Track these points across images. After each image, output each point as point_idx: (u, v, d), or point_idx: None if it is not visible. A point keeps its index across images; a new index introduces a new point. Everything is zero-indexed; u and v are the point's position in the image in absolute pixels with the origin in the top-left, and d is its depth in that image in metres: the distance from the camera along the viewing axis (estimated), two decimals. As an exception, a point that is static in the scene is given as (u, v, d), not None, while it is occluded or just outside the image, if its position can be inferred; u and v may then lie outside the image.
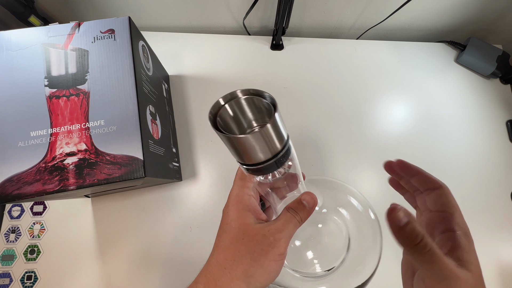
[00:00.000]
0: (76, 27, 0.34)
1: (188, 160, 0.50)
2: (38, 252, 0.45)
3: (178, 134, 0.51)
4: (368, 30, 0.62)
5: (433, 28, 0.65)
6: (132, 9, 0.57)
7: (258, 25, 0.62)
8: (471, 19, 0.62)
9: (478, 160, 0.55)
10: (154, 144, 0.36)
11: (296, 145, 0.53)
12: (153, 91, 0.40)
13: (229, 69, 0.57)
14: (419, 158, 0.54)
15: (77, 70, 0.33)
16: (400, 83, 0.59)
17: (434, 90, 0.59)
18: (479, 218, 0.51)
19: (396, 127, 0.56)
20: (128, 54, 0.34)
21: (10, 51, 0.33)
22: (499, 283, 0.48)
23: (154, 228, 0.46)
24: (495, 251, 0.49)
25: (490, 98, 0.60)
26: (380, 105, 0.57)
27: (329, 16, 0.60)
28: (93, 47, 0.34)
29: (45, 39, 0.34)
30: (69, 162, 0.30)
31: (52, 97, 0.32)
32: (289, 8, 0.50)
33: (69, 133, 0.31)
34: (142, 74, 0.36)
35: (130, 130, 0.32)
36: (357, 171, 0.52)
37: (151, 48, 0.44)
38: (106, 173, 0.30)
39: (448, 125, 0.57)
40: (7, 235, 0.45)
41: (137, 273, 0.44)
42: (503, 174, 0.54)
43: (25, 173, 0.30)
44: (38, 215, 0.46)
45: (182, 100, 0.54)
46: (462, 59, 0.60)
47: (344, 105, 0.56)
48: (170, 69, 0.55)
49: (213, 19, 0.61)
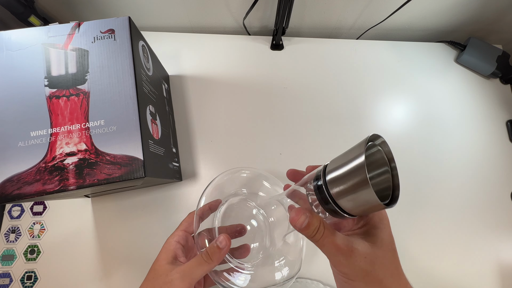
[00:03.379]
0: (76, 27, 0.34)
1: (188, 160, 0.50)
2: (38, 252, 0.45)
3: (178, 134, 0.51)
4: (368, 30, 0.62)
5: (433, 28, 0.65)
6: (132, 9, 0.57)
7: (258, 25, 0.62)
8: (471, 19, 0.62)
9: (478, 160, 0.55)
10: (154, 144, 0.36)
11: (296, 145, 0.53)
12: (153, 91, 0.40)
13: (229, 69, 0.57)
14: (419, 158, 0.54)
15: (77, 70, 0.33)
16: (400, 83, 0.59)
17: (434, 90, 0.59)
18: (479, 218, 0.51)
19: (396, 127, 0.56)
20: (128, 54, 0.34)
21: (10, 51, 0.33)
22: (499, 283, 0.48)
23: (154, 228, 0.46)
24: (495, 251, 0.49)
25: (490, 98, 0.60)
26: (380, 105, 0.57)
27: (329, 16, 0.60)
28: (93, 47, 0.34)
29: (45, 39, 0.34)
30: (69, 162, 0.30)
31: (52, 97, 0.32)
32: (289, 8, 0.50)
33: (69, 133, 0.31)
34: (142, 74, 0.36)
35: (130, 130, 0.32)
36: (357, 171, 0.52)
37: (151, 48, 0.44)
38: (106, 173, 0.30)
39: (448, 125, 0.57)
40: (7, 235, 0.45)
41: (137, 273, 0.44)
42: (503, 174, 0.54)
43: (25, 173, 0.30)
44: (38, 215, 0.46)
45: (182, 100, 0.54)
46: (462, 59, 0.60)
47: (344, 105, 0.56)
48: (170, 69, 0.55)
49: (213, 19, 0.61)
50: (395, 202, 0.17)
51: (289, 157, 0.51)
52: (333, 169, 0.19)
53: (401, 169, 0.18)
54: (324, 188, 0.20)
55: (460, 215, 0.51)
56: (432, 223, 0.50)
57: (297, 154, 0.52)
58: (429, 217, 0.51)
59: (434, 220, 0.50)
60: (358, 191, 0.17)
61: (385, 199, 0.19)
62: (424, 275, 0.47)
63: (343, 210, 0.19)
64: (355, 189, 0.17)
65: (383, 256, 0.21)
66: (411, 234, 0.49)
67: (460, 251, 0.49)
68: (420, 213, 0.50)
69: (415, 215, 0.50)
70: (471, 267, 0.48)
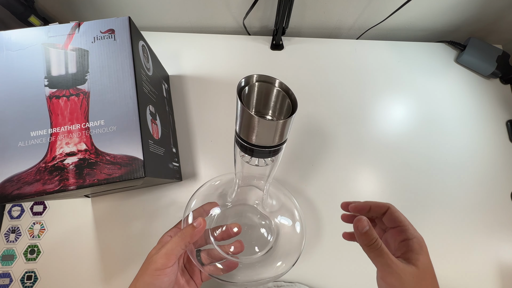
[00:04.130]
0: (76, 27, 0.34)
1: (188, 160, 0.50)
2: (38, 252, 0.45)
3: (178, 134, 0.51)
4: (368, 30, 0.62)
5: (433, 28, 0.65)
6: (132, 9, 0.57)
7: (258, 25, 0.62)
8: (471, 19, 0.62)
9: (478, 160, 0.55)
10: (154, 144, 0.36)
11: (296, 144, 0.53)
12: (153, 91, 0.40)
13: (229, 69, 0.57)
14: (418, 158, 0.54)
15: (77, 70, 0.33)
16: (400, 83, 0.59)
17: (434, 90, 0.59)
18: (479, 218, 0.51)
19: (396, 127, 0.56)
20: (128, 54, 0.34)
21: (10, 51, 0.33)
22: (499, 283, 0.48)
23: (154, 228, 0.46)
24: (495, 251, 0.49)
25: (490, 98, 0.60)
26: (380, 105, 0.57)
27: (329, 16, 0.60)
28: (93, 47, 0.34)
29: (45, 39, 0.34)
30: (69, 162, 0.30)
31: (52, 97, 0.32)
32: (289, 8, 0.50)
33: (69, 133, 0.31)
34: (142, 74, 0.36)
35: (130, 130, 0.32)
36: (357, 171, 0.52)
37: (151, 48, 0.44)
38: (106, 173, 0.30)
39: (448, 125, 0.57)
40: (7, 235, 0.45)
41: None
42: (503, 174, 0.54)
43: (25, 173, 0.30)
44: (38, 215, 0.46)
45: (182, 100, 0.54)
46: (462, 59, 0.60)
47: (344, 105, 0.56)
48: (170, 69, 0.55)
49: (213, 19, 0.61)
50: (294, 112, 0.19)
51: (289, 157, 0.51)
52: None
53: (401, 169, 0.18)
54: (238, 137, 0.23)
55: (460, 215, 0.51)
56: (432, 223, 0.50)
57: (297, 155, 0.52)
58: (429, 217, 0.50)
59: (434, 220, 0.50)
60: (244, 117, 0.19)
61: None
62: (424, 275, 0.47)
63: (256, 145, 0.21)
64: (242, 118, 0.20)
65: (425, 278, 0.24)
66: (411, 234, 0.49)
67: (460, 251, 0.49)
68: (420, 213, 0.50)
69: (415, 215, 0.50)
70: (471, 267, 0.48)
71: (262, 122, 0.19)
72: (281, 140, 0.21)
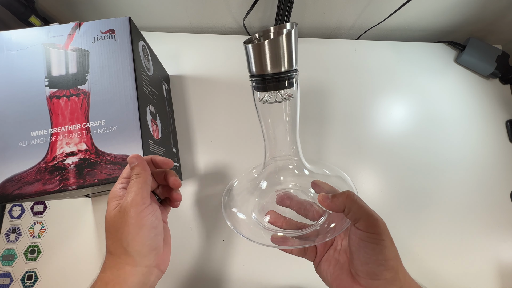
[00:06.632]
0: (77, 27, 0.35)
1: (188, 160, 0.50)
2: (38, 252, 0.45)
3: (178, 134, 0.52)
4: (368, 30, 0.62)
5: (433, 28, 0.65)
6: (132, 9, 0.57)
7: (258, 25, 0.62)
8: (470, 19, 0.62)
9: (478, 160, 0.55)
10: (154, 144, 0.36)
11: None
12: (153, 91, 0.41)
13: (229, 69, 0.57)
14: (418, 158, 0.54)
15: (77, 70, 0.33)
16: (400, 83, 0.59)
17: (434, 90, 0.59)
18: (478, 217, 0.51)
19: (396, 127, 0.56)
20: (128, 54, 0.34)
21: (10, 51, 0.33)
22: (499, 283, 0.48)
23: (154, 228, 0.46)
24: (495, 251, 0.49)
25: (489, 98, 0.60)
26: (380, 105, 0.57)
27: (329, 16, 0.61)
28: (93, 47, 0.34)
29: (45, 39, 0.34)
30: (70, 162, 0.30)
31: (53, 97, 0.32)
32: (289, 9, 0.50)
33: (69, 133, 0.31)
34: (142, 74, 0.36)
35: (131, 130, 0.32)
36: (357, 171, 0.52)
37: (151, 48, 0.44)
38: (106, 173, 0.30)
39: (447, 125, 0.57)
40: (8, 235, 0.45)
41: (137, 273, 0.44)
42: (503, 174, 0.55)
43: (25, 173, 0.30)
44: (39, 215, 0.46)
45: (182, 100, 0.54)
46: (461, 59, 0.60)
47: (343, 105, 0.56)
48: (170, 69, 0.55)
49: (213, 20, 0.61)
50: (293, 28, 0.24)
51: (289, 157, 0.51)
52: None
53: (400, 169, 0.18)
54: (253, 79, 0.27)
55: (460, 215, 0.51)
56: (432, 223, 0.50)
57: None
58: (429, 217, 0.51)
59: (434, 220, 0.50)
60: (253, 50, 0.25)
61: None
62: (424, 274, 0.47)
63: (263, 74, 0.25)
64: (252, 54, 0.26)
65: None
66: (411, 234, 0.49)
67: (460, 251, 0.49)
68: (420, 213, 0.50)
69: (415, 215, 0.50)
70: (471, 267, 0.48)
71: (267, 43, 0.23)
72: (291, 64, 0.24)
